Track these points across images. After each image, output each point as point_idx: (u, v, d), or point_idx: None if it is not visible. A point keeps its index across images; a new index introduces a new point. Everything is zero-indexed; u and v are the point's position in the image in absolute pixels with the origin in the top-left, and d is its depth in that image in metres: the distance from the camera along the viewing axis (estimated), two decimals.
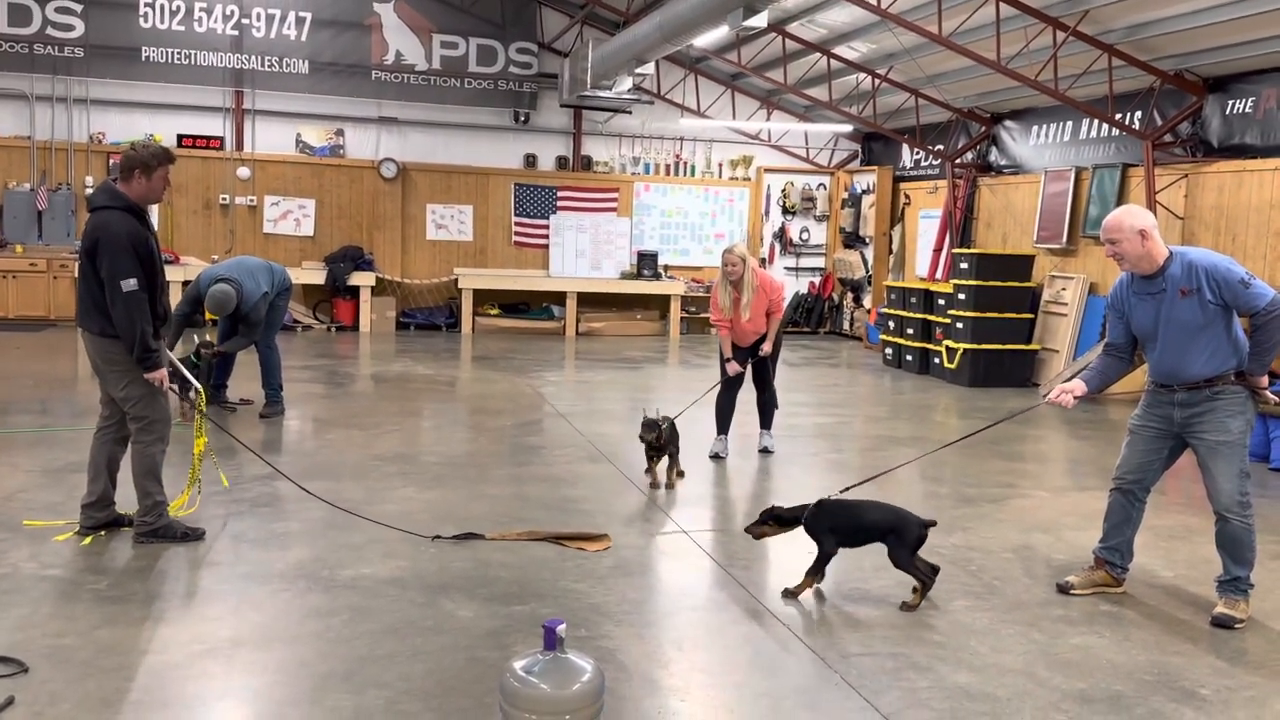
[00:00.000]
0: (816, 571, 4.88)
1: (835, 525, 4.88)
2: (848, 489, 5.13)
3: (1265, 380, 4.75)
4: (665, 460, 6.96)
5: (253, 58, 15.26)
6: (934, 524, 4.93)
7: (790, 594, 4.85)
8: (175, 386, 5.81)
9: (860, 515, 4.90)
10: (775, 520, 4.99)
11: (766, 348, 7.75)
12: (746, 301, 7.57)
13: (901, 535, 4.79)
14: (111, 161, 14.93)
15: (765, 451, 8.00)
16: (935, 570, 4.89)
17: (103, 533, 5.43)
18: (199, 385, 6.02)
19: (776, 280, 7.85)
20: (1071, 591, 5.05)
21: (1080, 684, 4.05)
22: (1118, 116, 11.11)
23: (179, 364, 6.12)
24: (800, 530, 4.99)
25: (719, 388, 7.92)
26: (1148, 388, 4.96)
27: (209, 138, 15.37)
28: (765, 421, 8.11)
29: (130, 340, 5.10)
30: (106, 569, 4.96)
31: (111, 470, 5.47)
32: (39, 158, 14.85)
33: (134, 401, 5.29)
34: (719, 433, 7.91)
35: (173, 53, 14.96)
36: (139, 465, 5.35)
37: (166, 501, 5.45)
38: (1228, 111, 10.41)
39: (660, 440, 6.87)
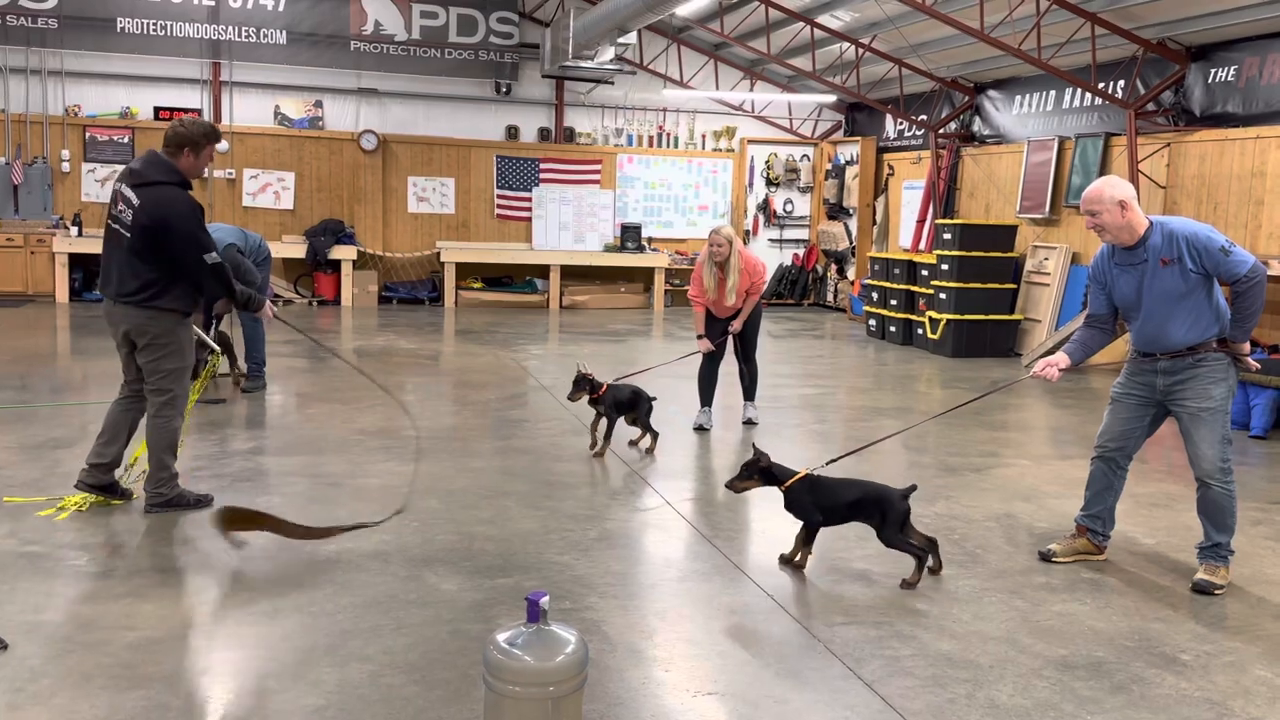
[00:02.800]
0: (807, 541, 4.89)
1: (818, 502, 4.86)
2: (833, 461, 5.13)
3: (1247, 347, 4.76)
4: (610, 424, 6.95)
5: (229, 28, 15.07)
6: (914, 489, 4.89)
7: (786, 560, 4.87)
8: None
9: (842, 495, 4.84)
10: (760, 474, 4.96)
11: (736, 326, 7.73)
12: (732, 285, 7.55)
13: (886, 515, 4.72)
14: (88, 135, 14.79)
15: (749, 423, 8.00)
16: (933, 542, 4.87)
17: (88, 503, 5.38)
18: (216, 347, 6.38)
19: (760, 262, 7.83)
20: (1053, 559, 5.08)
21: (1062, 651, 4.08)
22: (1100, 85, 11.09)
23: (200, 333, 6.41)
24: (782, 500, 4.99)
25: (701, 360, 7.91)
26: (1130, 356, 4.97)
27: (186, 110, 15.18)
28: (749, 393, 8.12)
29: (233, 298, 5.37)
30: (87, 545, 4.93)
31: (129, 436, 5.48)
32: (14, 131, 14.66)
33: (164, 375, 5.29)
34: (702, 405, 7.91)
35: (148, 24, 14.76)
36: (160, 438, 5.35)
37: (178, 473, 5.48)
38: (1210, 80, 10.41)
39: (594, 393, 6.85)
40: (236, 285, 5.36)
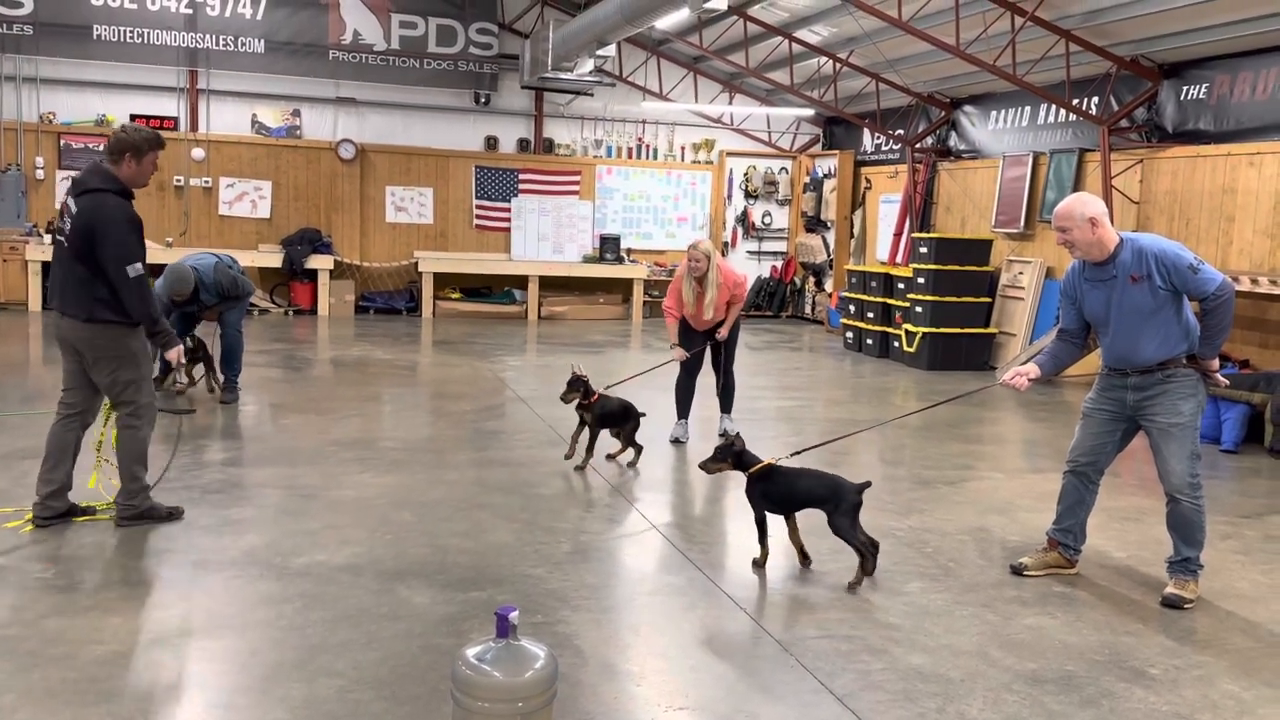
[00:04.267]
0: (761, 540, 5.02)
1: (768, 492, 4.96)
2: (797, 453, 5.20)
3: (1216, 363, 4.81)
4: (601, 437, 6.97)
5: (207, 36, 15.00)
6: (869, 485, 4.95)
7: (759, 564, 5.03)
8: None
9: (793, 483, 4.96)
10: (731, 457, 5.08)
11: (723, 332, 7.75)
12: (710, 300, 7.56)
13: (838, 504, 4.83)
14: (63, 142, 14.68)
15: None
16: (875, 545, 4.92)
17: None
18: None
19: (738, 273, 7.86)
20: (1025, 573, 5.10)
21: (1032, 664, 4.09)
22: (1075, 102, 11.19)
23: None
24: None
25: (679, 373, 7.91)
26: (1101, 371, 5.01)
27: (163, 118, 15.10)
28: (726, 405, 8.12)
29: (149, 322, 5.16)
30: (54, 557, 4.87)
31: (74, 458, 5.36)
32: None
33: (124, 387, 5.23)
34: (679, 417, 7.91)
35: (125, 31, 14.67)
36: (130, 450, 5.29)
37: (150, 485, 5.42)
38: (1182, 97, 10.52)
39: (587, 396, 6.85)
40: (154, 311, 5.20)
